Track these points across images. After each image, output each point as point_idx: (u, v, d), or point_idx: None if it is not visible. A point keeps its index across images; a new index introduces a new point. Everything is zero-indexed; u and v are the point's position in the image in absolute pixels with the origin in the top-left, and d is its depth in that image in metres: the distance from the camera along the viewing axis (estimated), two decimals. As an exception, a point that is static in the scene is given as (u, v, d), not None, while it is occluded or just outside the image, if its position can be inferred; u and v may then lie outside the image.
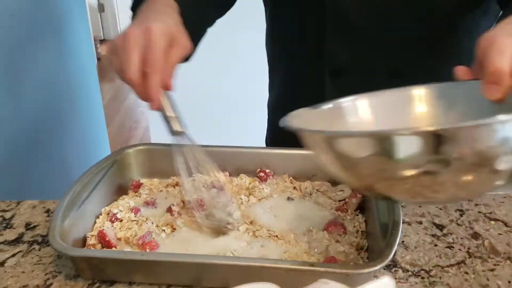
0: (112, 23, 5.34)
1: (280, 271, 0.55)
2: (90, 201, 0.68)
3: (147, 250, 0.63)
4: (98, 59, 4.72)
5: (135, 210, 0.70)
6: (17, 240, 0.68)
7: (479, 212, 0.72)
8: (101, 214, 0.70)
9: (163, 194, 0.74)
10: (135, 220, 0.68)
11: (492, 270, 0.61)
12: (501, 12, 0.76)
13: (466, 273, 0.61)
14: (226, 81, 2.21)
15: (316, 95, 0.85)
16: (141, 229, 0.66)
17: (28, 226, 0.71)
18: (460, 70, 0.56)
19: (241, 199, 0.72)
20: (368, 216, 0.68)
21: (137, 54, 0.60)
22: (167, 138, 0.68)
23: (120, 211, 0.70)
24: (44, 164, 1.16)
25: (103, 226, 0.67)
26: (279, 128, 0.96)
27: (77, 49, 1.31)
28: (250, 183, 0.76)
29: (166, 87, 0.64)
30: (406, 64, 0.81)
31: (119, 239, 0.65)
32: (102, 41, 5.12)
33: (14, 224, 0.71)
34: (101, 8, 5.12)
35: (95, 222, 0.69)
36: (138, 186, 0.76)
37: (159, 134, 2.48)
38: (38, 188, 1.10)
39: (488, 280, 0.59)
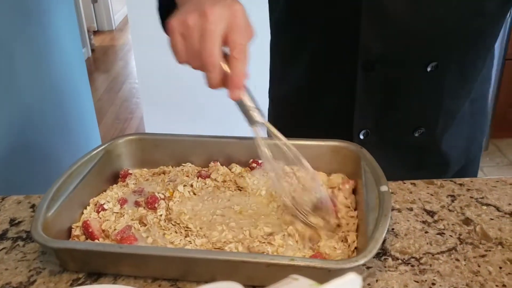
0: (105, 14, 5.31)
1: (261, 266, 0.54)
2: (79, 191, 0.67)
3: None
4: (93, 50, 4.71)
5: (122, 201, 0.68)
6: (1, 237, 0.67)
7: (471, 197, 0.71)
8: (89, 205, 0.69)
9: (148, 182, 0.73)
10: (117, 213, 0.67)
11: (483, 256, 0.60)
12: None
13: (457, 260, 0.60)
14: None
15: (346, 89, 0.84)
16: (119, 222, 0.65)
17: (13, 222, 0.70)
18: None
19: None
20: (359, 207, 0.67)
21: (221, 36, 0.56)
22: (162, 129, 0.67)
23: (108, 201, 0.68)
24: (32, 159, 1.14)
25: (90, 217, 0.66)
26: (291, 118, 0.95)
27: (62, 41, 1.29)
28: (240, 173, 0.74)
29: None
30: (442, 58, 0.78)
31: (103, 230, 0.64)
32: (95, 32, 5.10)
33: (-2, 220, 0.70)
34: (94, -2, 5.09)
35: (82, 213, 0.67)
36: (125, 175, 0.75)
37: (153, 124, 2.47)
38: (26, 183, 1.09)
39: (479, 266, 0.59)
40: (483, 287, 0.56)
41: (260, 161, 0.75)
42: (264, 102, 1.02)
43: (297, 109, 0.94)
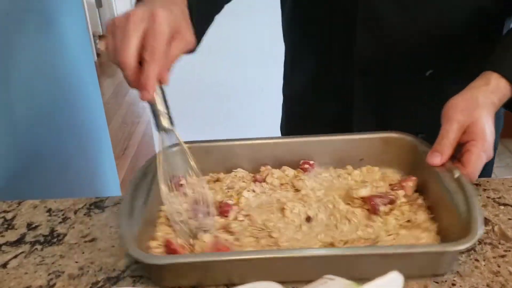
0: (110, 18, 5.32)
1: (375, 258, 0.55)
2: (148, 206, 0.65)
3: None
4: (98, 54, 4.72)
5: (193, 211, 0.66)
6: (19, 241, 0.67)
7: (487, 197, 0.70)
8: (159, 218, 0.67)
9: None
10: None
11: (502, 256, 0.60)
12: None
13: (477, 260, 0.59)
14: (225, 72, 2.19)
15: (343, 93, 0.85)
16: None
17: (30, 226, 0.70)
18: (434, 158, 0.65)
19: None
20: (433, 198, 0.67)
21: (138, 38, 0.57)
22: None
23: (179, 213, 0.66)
24: (44, 163, 1.15)
25: (166, 231, 0.64)
26: (299, 118, 0.96)
27: (73, 45, 1.29)
28: (296, 176, 0.74)
29: (161, 80, 0.61)
30: (439, 66, 0.79)
31: (183, 246, 0.62)
32: (100, 37, 5.11)
33: (15, 224, 0.71)
34: (98, 3, 5.10)
35: (155, 227, 0.65)
36: (179, 184, 0.73)
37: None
38: (39, 187, 1.09)
39: (499, 266, 0.58)
40: None
41: (311, 162, 0.75)
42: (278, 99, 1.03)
43: (303, 108, 0.95)
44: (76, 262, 0.63)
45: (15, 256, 0.64)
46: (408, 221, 0.64)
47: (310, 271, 0.53)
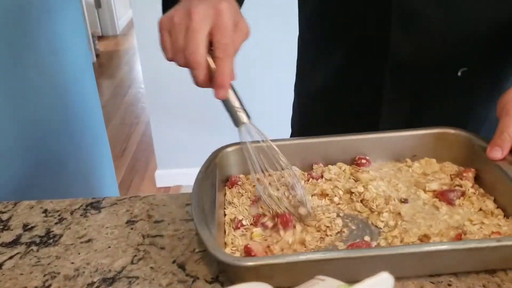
0: (109, 18, 5.33)
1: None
2: (217, 210, 0.64)
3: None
4: (97, 55, 4.72)
5: (256, 217, 0.66)
6: (15, 242, 0.67)
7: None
8: (225, 223, 0.66)
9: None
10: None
11: (499, 256, 0.60)
12: None
13: (473, 260, 0.59)
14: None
15: (372, 90, 0.84)
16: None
17: (26, 227, 0.70)
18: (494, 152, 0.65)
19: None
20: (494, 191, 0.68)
21: (206, 35, 0.56)
22: (168, 134, 0.67)
23: (245, 217, 0.66)
24: (41, 164, 1.14)
25: (235, 234, 0.63)
26: (316, 116, 0.95)
27: (71, 46, 1.29)
28: (356, 169, 0.75)
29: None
30: (473, 65, 0.78)
31: (266, 251, 0.61)
32: (100, 38, 5.11)
33: (11, 225, 0.70)
34: (97, 4, 5.11)
35: (224, 231, 0.65)
36: (234, 182, 0.73)
37: (160, 129, 2.46)
38: (37, 188, 1.09)
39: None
40: (500, 288, 0.55)
41: (368, 157, 0.75)
42: (289, 97, 1.02)
43: (323, 106, 0.94)
44: (72, 263, 0.62)
45: (11, 257, 0.64)
46: (480, 209, 0.65)
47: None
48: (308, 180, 0.73)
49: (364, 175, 0.72)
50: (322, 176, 0.74)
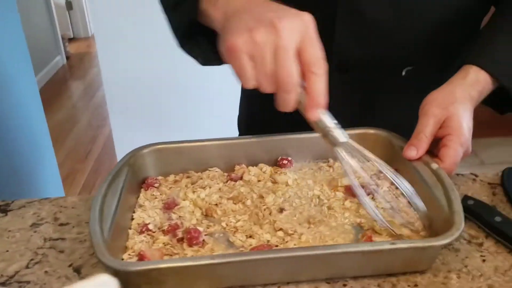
0: (81, 21, 5.26)
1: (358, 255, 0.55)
2: (119, 211, 0.62)
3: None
4: (68, 57, 4.66)
5: (173, 227, 0.63)
6: None
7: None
8: (130, 228, 0.64)
9: (175, 190, 0.71)
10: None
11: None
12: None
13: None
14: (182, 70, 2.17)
15: None
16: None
17: None
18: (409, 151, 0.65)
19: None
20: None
21: (296, 52, 0.51)
22: (129, 136, 0.65)
23: (151, 217, 0.65)
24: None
25: (136, 239, 0.61)
26: (263, 113, 0.92)
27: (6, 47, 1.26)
28: (276, 171, 0.74)
29: None
30: (419, 63, 0.78)
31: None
32: (71, 40, 5.05)
33: None
34: (69, 6, 5.05)
35: (127, 235, 0.62)
36: (151, 184, 0.71)
37: (120, 132, 2.43)
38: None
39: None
40: None
41: (289, 158, 0.75)
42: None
43: (268, 106, 0.92)
44: (-35, 267, 0.60)
45: None
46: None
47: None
48: (226, 182, 0.72)
49: (282, 176, 0.72)
50: (241, 178, 0.73)
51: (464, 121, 0.64)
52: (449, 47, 0.78)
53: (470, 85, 0.66)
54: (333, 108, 0.81)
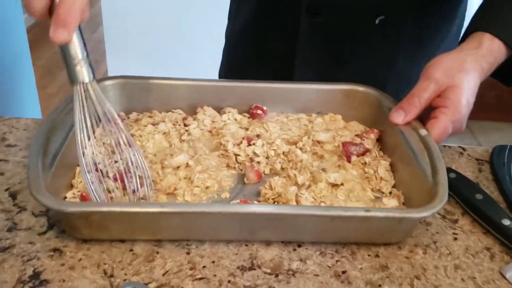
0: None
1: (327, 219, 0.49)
2: (68, 146, 0.55)
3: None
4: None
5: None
6: None
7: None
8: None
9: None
10: None
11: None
12: None
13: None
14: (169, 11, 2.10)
15: (288, 33, 0.77)
16: None
17: None
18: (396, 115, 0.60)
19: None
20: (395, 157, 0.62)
21: None
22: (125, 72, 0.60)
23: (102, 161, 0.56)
24: None
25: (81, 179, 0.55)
26: (240, 59, 0.88)
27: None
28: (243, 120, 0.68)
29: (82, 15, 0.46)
30: (392, 12, 0.72)
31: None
32: None
33: None
34: None
35: (74, 173, 0.57)
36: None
37: (116, 69, 2.37)
38: None
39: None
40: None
41: (265, 108, 0.68)
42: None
43: (247, 48, 0.87)
44: None
45: None
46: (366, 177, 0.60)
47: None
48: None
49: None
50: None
51: (465, 96, 0.57)
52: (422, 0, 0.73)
53: (483, 55, 0.59)
54: (301, 54, 0.78)
